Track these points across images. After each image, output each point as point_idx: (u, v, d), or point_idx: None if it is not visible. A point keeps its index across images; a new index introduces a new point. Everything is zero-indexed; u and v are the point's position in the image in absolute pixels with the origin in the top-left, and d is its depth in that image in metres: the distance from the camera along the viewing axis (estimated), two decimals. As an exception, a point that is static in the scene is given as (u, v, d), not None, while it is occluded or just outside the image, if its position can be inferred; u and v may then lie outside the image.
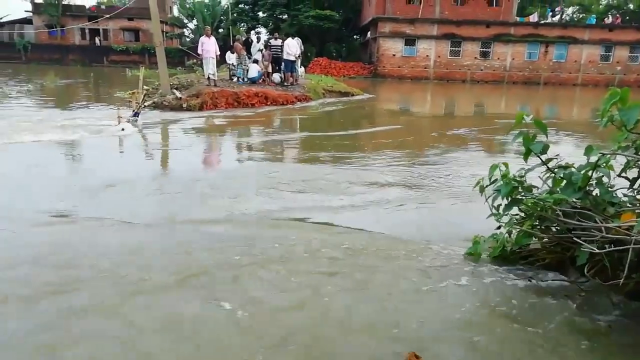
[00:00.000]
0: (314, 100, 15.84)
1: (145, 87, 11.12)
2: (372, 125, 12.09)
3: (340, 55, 40.37)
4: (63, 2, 46.38)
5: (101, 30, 45.95)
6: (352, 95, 18.40)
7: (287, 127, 11.27)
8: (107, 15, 36.76)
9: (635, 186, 2.83)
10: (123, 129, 8.92)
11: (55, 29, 40.29)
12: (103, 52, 44.89)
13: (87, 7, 48.50)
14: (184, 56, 34.10)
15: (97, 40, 46.42)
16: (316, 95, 16.47)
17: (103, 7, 50.95)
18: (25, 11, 48.92)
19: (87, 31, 45.52)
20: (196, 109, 12.40)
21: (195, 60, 24.25)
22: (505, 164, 3.24)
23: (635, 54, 34.25)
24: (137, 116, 10.01)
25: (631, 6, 42.29)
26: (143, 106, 10.65)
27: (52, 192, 4.99)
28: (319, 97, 16.52)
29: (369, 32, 38.97)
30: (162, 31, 18.10)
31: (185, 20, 47.89)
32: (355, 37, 44.21)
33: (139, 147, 8.29)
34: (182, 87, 13.82)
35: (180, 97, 12.71)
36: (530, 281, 3.14)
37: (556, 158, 3.17)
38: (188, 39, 48.37)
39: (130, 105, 10.80)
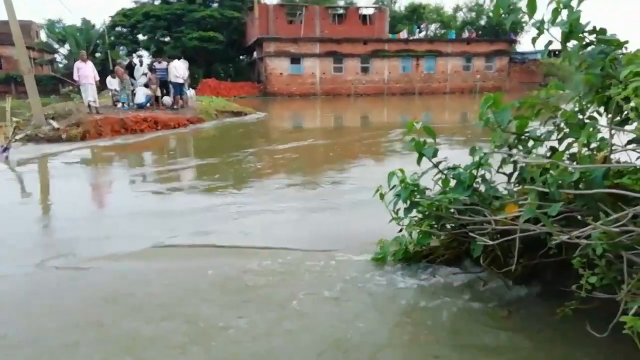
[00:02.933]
0: (207, 122, 15.51)
1: (14, 119, 9.99)
2: (267, 142, 12.15)
3: (229, 75, 40.18)
4: None
5: (-49, 58, 40.39)
6: (245, 114, 18.38)
7: (181, 153, 10.87)
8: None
9: (512, 180, 3.21)
10: (-9, 168, 7.91)
11: None
12: (-45, 83, 39.44)
13: None
14: (57, 83, 31.39)
15: (-54, 69, 40.64)
16: (209, 116, 16.15)
17: (-49, 32, 44.88)
18: None
19: None
20: (78, 139, 11.43)
21: (71, 88, 22.48)
22: (402, 170, 3.47)
23: (490, 64, 38.93)
24: (7, 151, 8.95)
25: (482, 22, 48.09)
26: (14, 140, 9.56)
27: None
28: (212, 119, 16.22)
29: (254, 52, 39.34)
30: (30, 57, 16.48)
31: (56, 45, 44.16)
32: (241, 57, 44.32)
33: (10, 185, 7.40)
34: (59, 117, 12.65)
35: (58, 128, 11.64)
36: (433, 277, 3.38)
37: (445, 160, 3.48)
38: (61, 65, 44.56)
39: (-2, 141, 9.63)
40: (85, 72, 12.87)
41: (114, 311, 2.97)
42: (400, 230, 3.60)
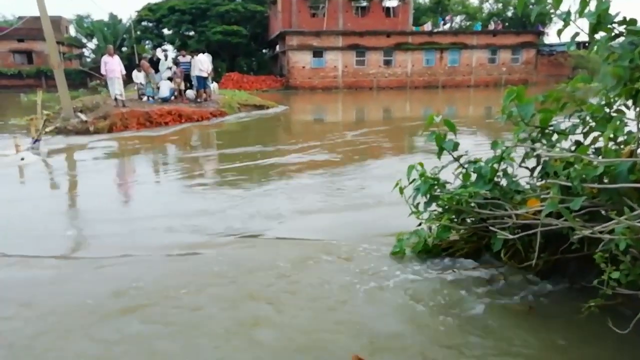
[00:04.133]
0: (229, 115, 15.67)
1: (45, 111, 10.29)
2: (289, 135, 12.21)
3: (252, 69, 40.36)
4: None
5: (-15, 53, 41.72)
6: (267, 108, 18.48)
7: (204, 145, 11.03)
8: (-8, 37, 33.57)
9: (535, 174, 3.16)
10: (23, 158, 8.17)
11: None
12: (-11, 77, 40.75)
13: (-33, 28, 43.84)
14: (85, 77, 32.13)
15: (-20, 64, 42.01)
16: (231, 110, 16.31)
17: (-15, 28, 46.31)
18: None
19: (-32, 55, 41.15)
20: (105, 132, 11.73)
21: (99, 81, 22.96)
22: (421, 164, 3.46)
23: (516, 56, 38.03)
24: (38, 143, 9.24)
25: (509, 13, 46.96)
26: (44, 132, 9.85)
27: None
28: (234, 112, 16.37)
29: (277, 46, 39.41)
30: (60, 52, 16.89)
31: (84, 40, 45.06)
32: (264, 50, 44.46)
33: (42, 176, 7.66)
34: (87, 110, 12.99)
35: (86, 120, 11.95)
36: (454, 271, 3.37)
37: (465, 154, 3.46)
38: (89, 59, 45.50)
39: (29, 132, 9.95)
40: (112, 66, 13.15)
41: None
42: (420, 224, 3.59)
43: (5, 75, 40.31)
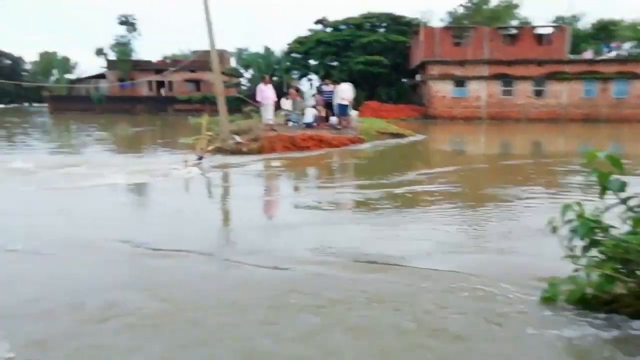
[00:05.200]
0: (366, 142, 16.04)
1: (208, 133, 11.75)
2: (427, 166, 12.02)
3: (390, 98, 40.87)
4: (133, 58, 50.54)
5: (166, 82, 49.38)
6: (405, 136, 18.47)
7: (342, 169, 11.45)
8: (172, 69, 39.60)
9: None
10: (189, 172, 9.42)
11: (126, 82, 43.76)
12: (168, 102, 48.09)
13: (154, 61, 52.53)
14: (241, 103, 35.79)
15: (162, 91, 49.88)
16: (369, 137, 16.67)
17: (168, 60, 54.89)
18: (101, 67, 53.78)
19: (154, 83, 49.09)
20: (255, 153, 12.89)
21: (251, 107, 25.30)
22: (579, 204, 3.16)
23: None
24: (202, 160, 10.55)
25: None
26: (207, 151, 11.23)
27: (144, 228, 5.32)
28: (372, 139, 16.70)
29: (417, 75, 39.39)
30: (222, 81, 19.17)
31: (242, 70, 50.58)
32: (404, 80, 44.80)
33: (207, 188, 8.76)
34: (241, 132, 14.46)
35: (241, 142, 13.29)
36: (617, 330, 2.95)
37: (636, 196, 3.06)
38: (244, 87, 50.84)
39: (195, 150, 11.42)
40: (267, 93, 14.49)
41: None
42: (576, 270, 3.25)
43: (179, 100, 47.12)
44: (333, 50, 42.76)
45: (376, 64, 39.80)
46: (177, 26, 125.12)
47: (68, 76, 61.12)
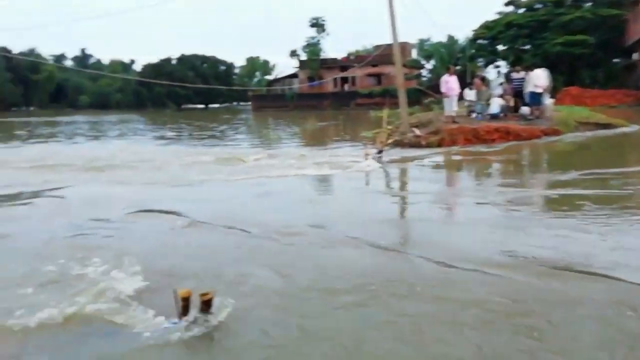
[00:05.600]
0: (564, 134, 14.22)
1: (387, 126, 11.94)
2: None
3: (596, 81, 35.34)
4: (321, 57, 54.52)
5: (349, 78, 51.94)
6: (614, 127, 15.77)
7: (532, 165, 10.39)
8: (357, 65, 41.41)
9: None
10: (369, 166, 9.74)
11: (314, 81, 47.56)
12: (350, 97, 50.65)
13: (339, 58, 55.75)
14: (420, 96, 35.40)
15: (345, 86, 52.69)
16: (567, 128, 14.73)
17: (352, 57, 57.53)
18: (293, 67, 59.50)
19: (338, 80, 52.14)
20: (434, 146, 12.62)
21: (431, 99, 24.85)
22: None
23: None
24: (381, 154, 10.80)
25: None
26: (386, 144, 11.44)
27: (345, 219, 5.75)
28: (570, 130, 14.72)
29: (635, 54, 33.08)
30: (403, 74, 19.23)
31: (423, 62, 49.91)
32: (615, 60, 38.18)
33: (385, 181, 8.98)
34: (421, 125, 14.31)
35: (420, 135, 13.17)
36: None
37: None
38: (425, 79, 50.10)
39: (375, 144, 11.74)
40: (452, 84, 14.03)
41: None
42: None
43: (360, 95, 49.10)
44: (525, 32, 38.92)
45: (579, 44, 34.84)
46: (361, 22, 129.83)
47: (267, 77, 69.17)
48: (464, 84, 18.10)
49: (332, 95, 52.47)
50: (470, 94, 15.98)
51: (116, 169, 10.60)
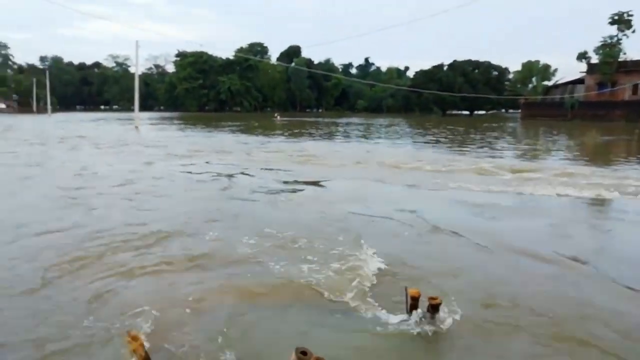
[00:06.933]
0: None
1: None
2: None
3: None
4: (619, 59, 46.07)
5: (655, 84, 42.27)
6: None
7: None
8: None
9: None
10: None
11: (605, 87, 40.55)
12: (651, 108, 41.14)
13: (644, 60, 45.89)
14: None
15: (646, 94, 43.10)
16: None
17: None
18: (580, 72, 51.99)
19: (639, 86, 43.15)
20: None
21: None
22: None
23: None
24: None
25: None
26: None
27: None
28: None
29: None
30: None
31: None
32: None
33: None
34: None
35: None
36: None
37: None
38: None
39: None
40: None
41: None
42: None
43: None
44: None
45: None
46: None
47: (545, 83, 62.37)
48: None
49: (626, 105, 43.45)
50: None
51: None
